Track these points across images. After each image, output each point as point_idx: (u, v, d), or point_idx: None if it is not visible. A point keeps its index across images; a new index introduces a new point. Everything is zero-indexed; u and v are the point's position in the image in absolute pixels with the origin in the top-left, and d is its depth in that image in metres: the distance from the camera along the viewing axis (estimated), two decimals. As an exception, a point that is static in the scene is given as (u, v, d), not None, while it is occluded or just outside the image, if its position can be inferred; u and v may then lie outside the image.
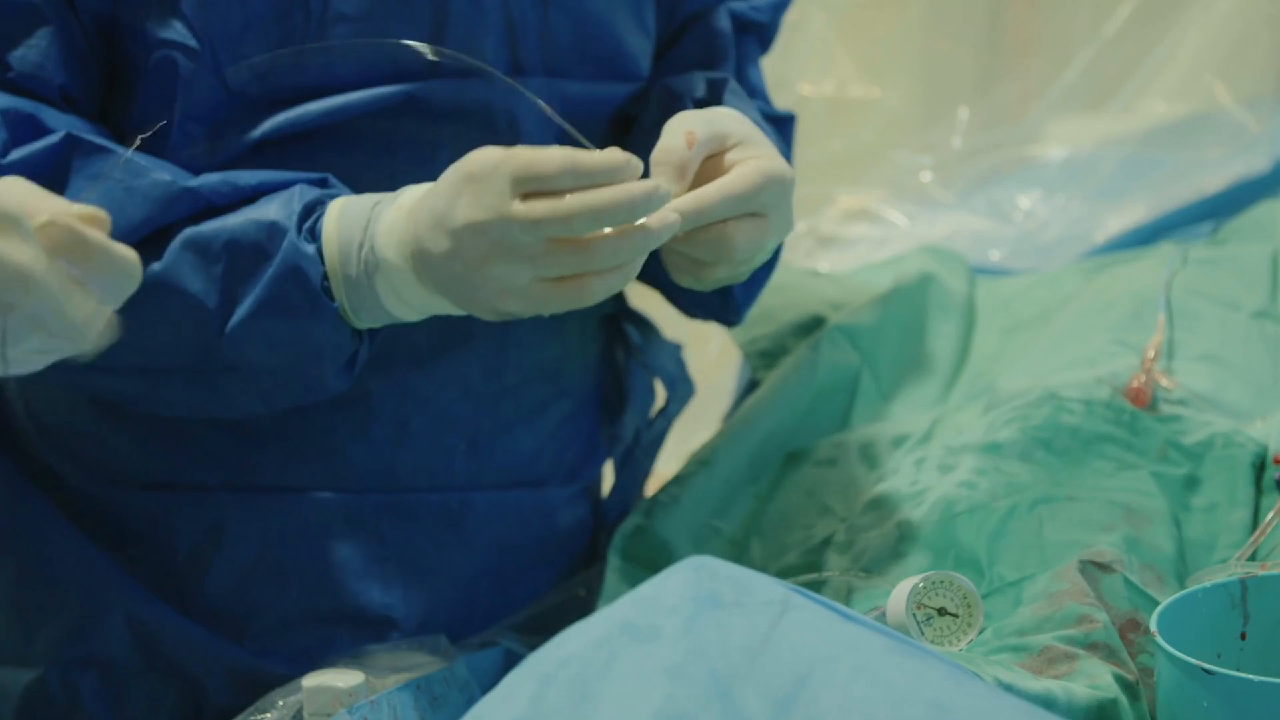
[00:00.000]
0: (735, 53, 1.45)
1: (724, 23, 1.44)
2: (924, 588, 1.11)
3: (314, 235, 1.21)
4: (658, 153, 1.20)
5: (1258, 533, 1.19)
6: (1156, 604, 1.04)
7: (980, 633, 1.12)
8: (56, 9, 1.24)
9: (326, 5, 1.26)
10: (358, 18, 1.27)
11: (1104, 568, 1.13)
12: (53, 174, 1.20)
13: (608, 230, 1.12)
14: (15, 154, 1.20)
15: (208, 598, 1.34)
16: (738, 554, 1.36)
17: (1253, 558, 1.17)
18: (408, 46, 1.22)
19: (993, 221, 2.01)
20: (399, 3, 1.28)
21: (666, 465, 1.60)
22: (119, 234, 1.17)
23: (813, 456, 1.44)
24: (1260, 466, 1.29)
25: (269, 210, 1.22)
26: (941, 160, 2.20)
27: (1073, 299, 1.61)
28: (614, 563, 1.35)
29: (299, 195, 1.22)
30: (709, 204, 1.18)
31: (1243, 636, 1.02)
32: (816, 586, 1.23)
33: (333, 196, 1.24)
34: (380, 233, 1.19)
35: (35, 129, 1.21)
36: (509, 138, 1.33)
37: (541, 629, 1.33)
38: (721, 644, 0.87)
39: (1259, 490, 1.27)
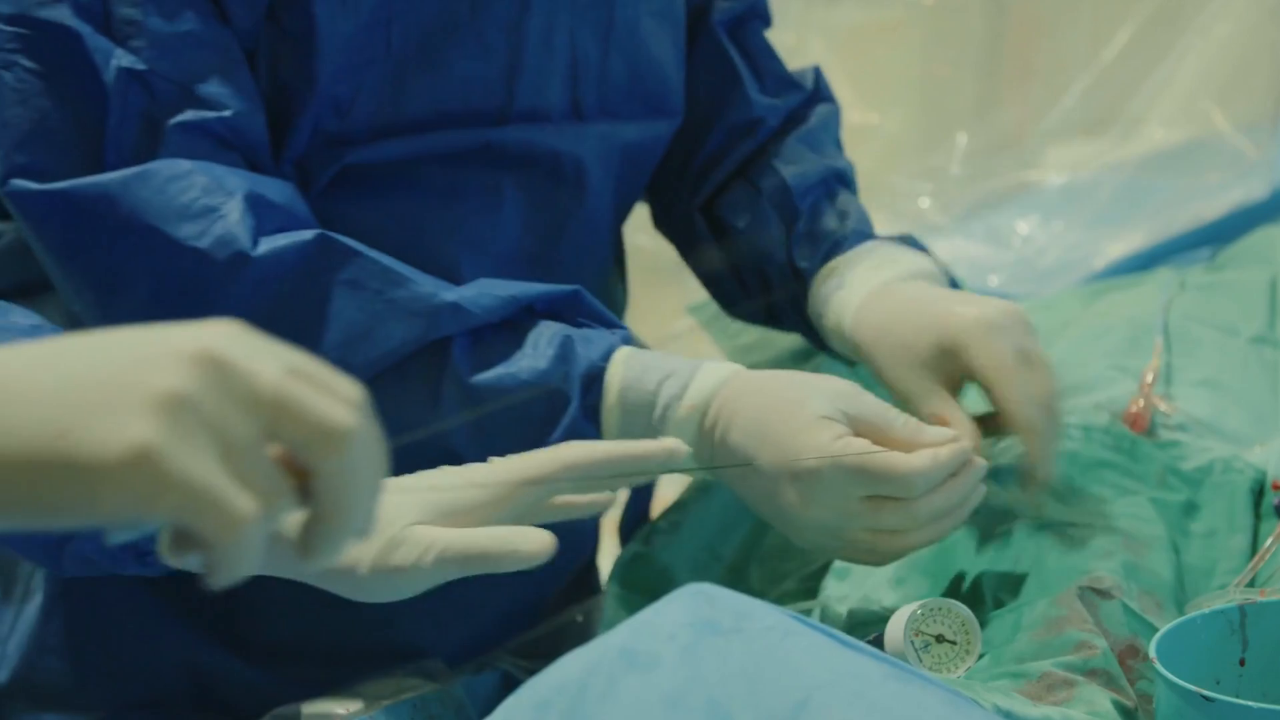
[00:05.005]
0: (745, 62, 1.45)
1: (721, 37, 1.45)
2: (922, 615, 1.11)
3: (594, 412, 1.17)
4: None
5: (1256, 559, 1.19)
6: (1155, 630, 1.04)
7: (979, 659, 1.11)
8: (237, 51, 1.20)
9: (406, 44, 1.24)
10: (434, 59, 1.25)
11: (1103, 594, 1.13)
12: (301, 276, 1.15)
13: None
14: (265, 245, 1.15)
15: (262, 638, 1.32)
16: (736, 581, 1.36)
17: (1251, 584, 1.17)
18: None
19: (991, 247, 2.01)
20: (476, 44, 1.26)
21: (666, 491, 1.60)
22: (378, 356, 1.13)
23: (811, 483, 1.43)
24: (1259, 492, 1.29)
25: (542, 361, 1.16)
26: (940, 186, 2.20)
27: (1071, 324, 1.61)
28: (613, 589, 1.34)
29: (578, 359, 1.17)
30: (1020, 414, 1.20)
31: (1241, 663, 1.02)
32: (815, 613, 1.22)
33: (604, 353, 1.18)
34: (669, 434, 1.16)
35: (273, 211, 1.16)
36: (575, 186, 1.32)
37: (539, 653, 1.33)
38: (720, 671, 0.87)
39: (1258, 516, 1.27)
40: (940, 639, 1.11)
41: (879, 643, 1.12)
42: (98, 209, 1.15)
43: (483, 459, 1.12)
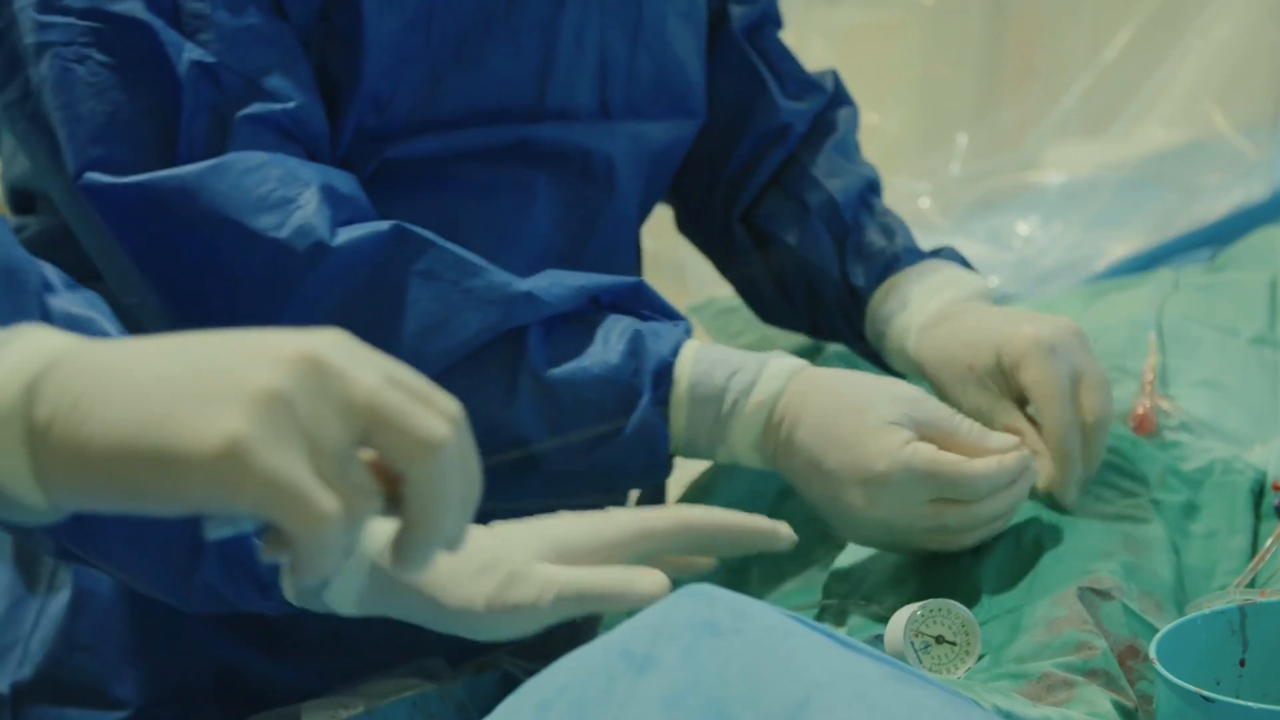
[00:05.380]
0: (766, 67, 1.47)
1: (741, 43, 1.46)
2: (922, 615, 1.11)
3: (663, 405, 1.20)
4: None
5: (1256, 559, 1.19)
6: (1155, 631, 1.04)
7: (978, 660, 1.11)
8: (296, 45, 1.21)
9: (445, 41, 1.25)
10: (470, 55, 1.26)
11: (1103, 594, 1.13)
12: (379, 267, 1.17)
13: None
14: (343, 236, 1.16)
15: (287, 632, 1.32)
16: (737, 581, 1.36)
17: (1251, 584, 1.17)
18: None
19: (991, 248, 2.01)
20: (511, 41, 1.27)
21: (669, 492, 1.60)
22: (454, 345, 1.14)
23: (811, 483, 1.43)
24: (1259, 493, 1.29)
25: (613, 355, 1.19)
26: (940, 186, 2.20)
27: (1071, 325, 1.61)
28: (613, 590, 1.34)
29: (648, 353, 1.19)
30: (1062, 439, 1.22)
31: (1241, 663, 1.02)
32: (815, 614, 1.22)
33: (673, 347, 1.20)
34: (737, 433, 1.20)
35: (345, 201, 1.17)
36: (605, 185, 1.33)
37: (539, 653, 1.32)
38: (720, 671, 0.87)
39: (1258, 517, 1.27)
40: (940, 640, 1.11)
41: (879, 643, 1.12)
42: (175, 202, 1.16)
43: (554, 450, 1.15)
